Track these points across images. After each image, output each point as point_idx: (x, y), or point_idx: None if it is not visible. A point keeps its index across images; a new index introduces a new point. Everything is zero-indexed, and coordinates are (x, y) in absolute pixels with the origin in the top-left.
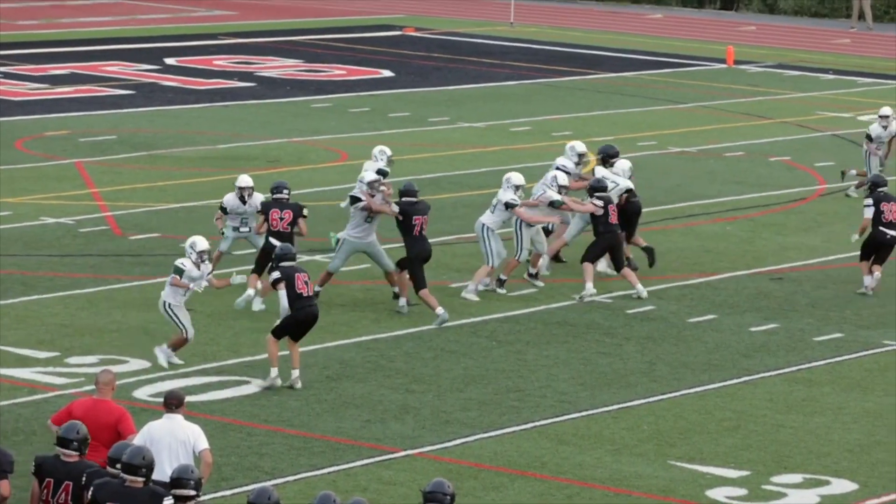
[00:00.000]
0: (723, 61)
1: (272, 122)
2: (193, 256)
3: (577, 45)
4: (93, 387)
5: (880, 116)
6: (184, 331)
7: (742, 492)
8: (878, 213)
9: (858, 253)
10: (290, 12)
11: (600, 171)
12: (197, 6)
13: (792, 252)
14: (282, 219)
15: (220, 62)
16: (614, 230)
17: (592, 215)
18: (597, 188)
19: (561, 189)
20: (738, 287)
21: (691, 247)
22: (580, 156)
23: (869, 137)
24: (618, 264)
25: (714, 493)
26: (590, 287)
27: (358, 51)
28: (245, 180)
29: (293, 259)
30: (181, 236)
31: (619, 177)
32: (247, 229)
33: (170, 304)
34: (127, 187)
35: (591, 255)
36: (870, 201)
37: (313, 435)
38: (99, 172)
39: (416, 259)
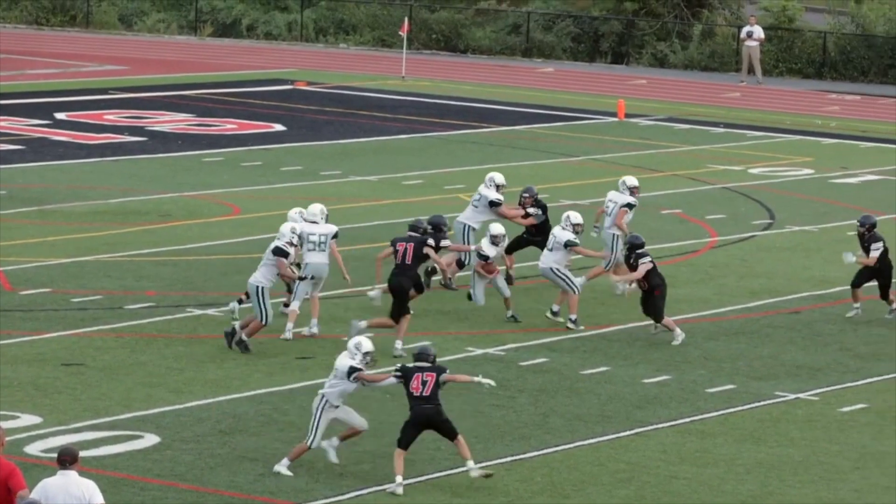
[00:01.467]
0: (614, 115)
1: (163, 176)
2: (358, 358)
3: (469, 98)
4: None
5: None
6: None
7: None
8: None
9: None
10: (180, 67)
11: (612, 194)
12: (87, 61)
13: (684, 304)
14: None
15: (111, 117)
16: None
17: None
18: (635, 244)
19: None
20: (630, 339)
21: (584, 298)
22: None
23: None
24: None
25: None
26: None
27: (249, 105)
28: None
29: (426, 360)
30: (72, 290)
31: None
32: None
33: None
34: (17, 242)
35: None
36: None
37: (206, 489)
38: None
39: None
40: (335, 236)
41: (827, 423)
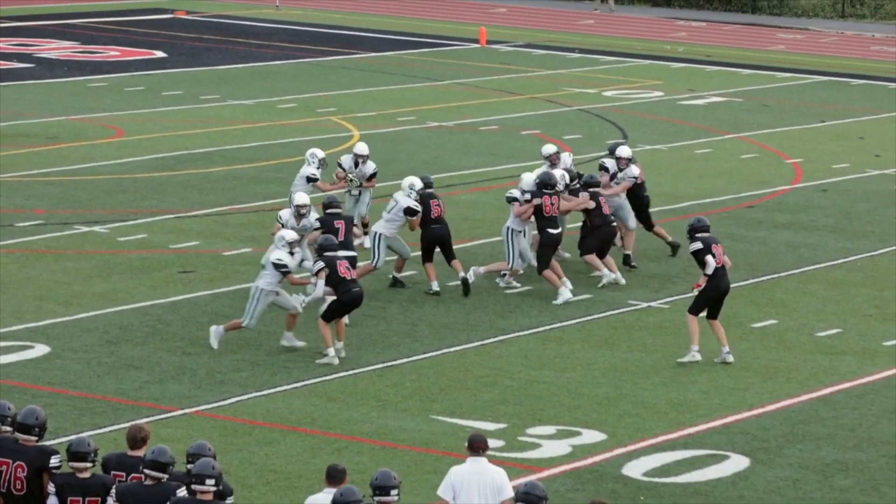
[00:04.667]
0: (476, 41)
1: (51, 101)
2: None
3: (339, 26)
4: None
5: None
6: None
7: (500, 443)
8: None
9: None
10: None
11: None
12: None
13: None
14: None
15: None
16: (609, 222)
17: (587, 209)
18: (590, 183)
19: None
20: (493, 252)
21: (449, 215)
22: (320, 160)
23: None
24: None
25: None
26: (607, 273)
27: (131, 33)
28: (363, 148)
29: (335, 249)
30: None
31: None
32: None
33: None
34: None
35: (589, 247)
36: None
37: (95, 396)
38: None
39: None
40: None
41: (676, 330)
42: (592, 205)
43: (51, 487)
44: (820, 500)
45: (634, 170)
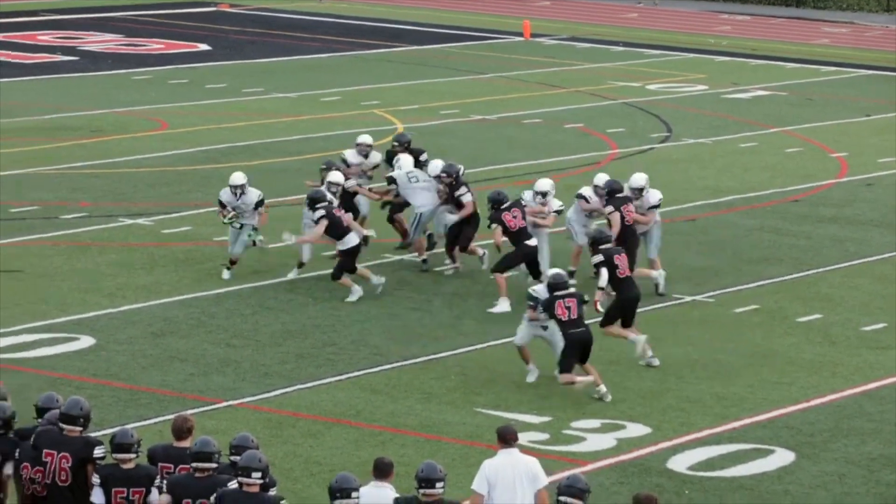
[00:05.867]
0: (520, 34)
1: (95, 94)
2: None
3: (383, 19)
4: None
5: None
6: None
7: (544, 436)
8: None
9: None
10: None
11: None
12: None
13: None
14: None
15: (44, 38)
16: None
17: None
18: (615, 189)
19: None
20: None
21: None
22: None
23: None
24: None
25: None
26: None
27: (175, 26)
28: (237, 178)
29: (564, 288)
30: (10, 202)
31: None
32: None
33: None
34: None
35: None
36: None
37: (140, 388)
38: None
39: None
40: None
41: (721, 324)
42: (617, 216)
43: (95, 479)
44: (865, 495)
45: (653, 197)
